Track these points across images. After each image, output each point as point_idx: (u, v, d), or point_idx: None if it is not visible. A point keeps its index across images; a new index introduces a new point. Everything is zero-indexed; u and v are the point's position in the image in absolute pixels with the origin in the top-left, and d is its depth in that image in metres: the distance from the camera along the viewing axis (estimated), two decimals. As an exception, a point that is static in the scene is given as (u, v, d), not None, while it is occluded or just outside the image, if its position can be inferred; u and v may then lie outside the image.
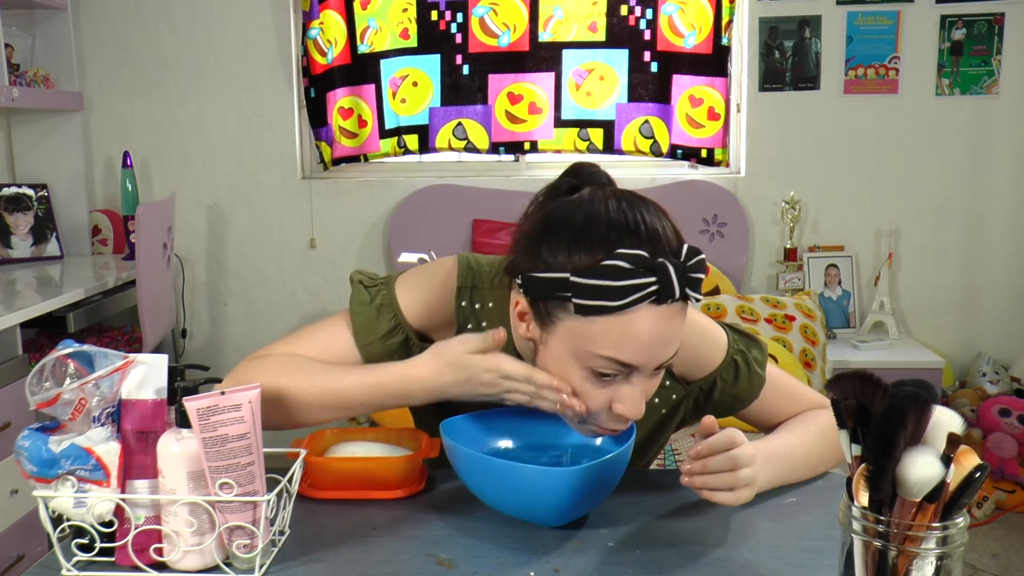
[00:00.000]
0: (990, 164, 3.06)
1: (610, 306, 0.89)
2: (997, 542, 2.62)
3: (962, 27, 2.98)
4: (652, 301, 0.90)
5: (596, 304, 0.90)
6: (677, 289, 0.90)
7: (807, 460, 1.08)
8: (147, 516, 0.87)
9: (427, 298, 1.10)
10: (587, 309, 0.90)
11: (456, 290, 1.09)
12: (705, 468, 0.93)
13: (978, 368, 3.06)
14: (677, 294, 0.90)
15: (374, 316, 1.08)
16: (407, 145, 3.11)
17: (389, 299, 1.09)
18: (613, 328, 0.90)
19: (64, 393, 0.85)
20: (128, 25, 3.10)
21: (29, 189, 2.95)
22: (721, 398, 1.13)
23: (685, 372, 1.12)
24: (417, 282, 1.11)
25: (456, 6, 3.01)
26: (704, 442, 0.93)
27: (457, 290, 1.09)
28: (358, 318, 1.09)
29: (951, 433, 0.66)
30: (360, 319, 1.08)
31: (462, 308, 1.09)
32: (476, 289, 1.09)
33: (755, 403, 1.14)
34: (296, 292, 3.21)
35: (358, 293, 1.10)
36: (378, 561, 0.89)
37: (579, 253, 0.92)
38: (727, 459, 0.93)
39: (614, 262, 0.89)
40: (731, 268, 3.02)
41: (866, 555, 0.68)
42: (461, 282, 1.09)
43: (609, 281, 0.89)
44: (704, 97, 3.01)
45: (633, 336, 0.90)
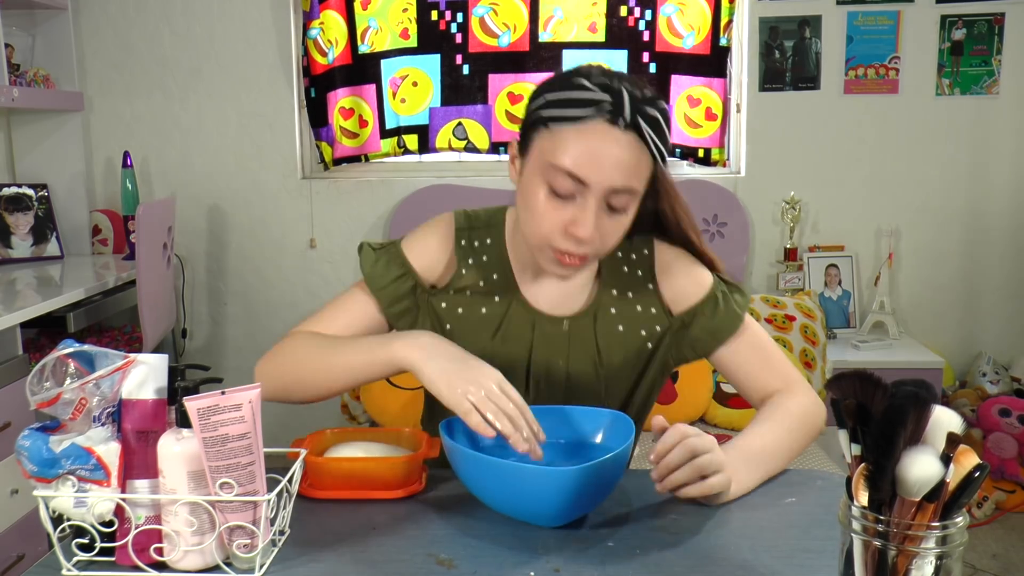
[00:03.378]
0: (990, 164, 3.06)
1: (570, 114, 1.04)
2: (997, 542, 2.62)
3: (962, 27, 2.98)
4: (606, 120, 1.03)
5: (558, 113, 1.05)
6: (628, 111, 1.03)
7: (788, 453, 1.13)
8: (147, 516, 0.87)
9: (429, 243, 1.23)
10: (552, 119, 1.05)
11: (455, 232, 1.23)
12: (667, 466, 0.98)
13: (978, 368, 3.06)
14: (627, 115, 1.03)
15: (384, 265, 1.21)
16: (407, 145, 3.11)
17: (396, 251, 1.22)
18: (568, 139, 1.04)
19: (64, 393, 0.85)
20: (128, 25, 3.10)
21: (29, 189, 2.95)
22: (700, 333, 1.20)
23: (671, 300, 1.22)
24: (419, 235, 1.24)
25: (456, 6, 3.01)
26: (659, 443, 0.99)
27: (456, 232, 1.23)
28: (369, 269, 1.21)
29: (951, 433, 0.66)
30: (371, 269, 1.21)
31: (462, 247, 1.22)
32: (473, 230, 1.23)
33: (731, 352, 1.21)
34: (296, 292, 3.21)
35: (367, 254, 1.23)
36: (378, 561, 0.89)
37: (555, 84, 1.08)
38: (683, 449, 0.98)
39: (578, 78, 1.07)
40: (731, 268, 2.99)
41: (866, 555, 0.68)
42: (459, 226, 1.23)
43: (571, 92, 1.05)
44: (702, 97, 3.01)
45: (584, 148, 1.03)
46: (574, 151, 1.04)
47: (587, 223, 1.05)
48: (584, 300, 1.21)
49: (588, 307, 1.20)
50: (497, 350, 1.17)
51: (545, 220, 1.07)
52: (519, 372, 1.18)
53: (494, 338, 1.18)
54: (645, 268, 1.23)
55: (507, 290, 1.20)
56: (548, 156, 1.05)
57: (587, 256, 1.09)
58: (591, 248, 1.08)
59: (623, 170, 1.04)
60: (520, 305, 1.19)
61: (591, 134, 1.03)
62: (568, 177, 1.04)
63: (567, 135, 1.04)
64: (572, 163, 1.04)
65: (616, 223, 1.08)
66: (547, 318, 1.19)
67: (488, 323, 1.18)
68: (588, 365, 1.19)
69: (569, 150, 1.04)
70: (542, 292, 1.20)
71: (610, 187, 1.04)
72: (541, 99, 1.09)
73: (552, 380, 1.18)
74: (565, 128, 1.04)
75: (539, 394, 1.20)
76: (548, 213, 1.07)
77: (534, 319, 1.19)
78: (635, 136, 1.04)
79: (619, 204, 1.07)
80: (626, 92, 1.04)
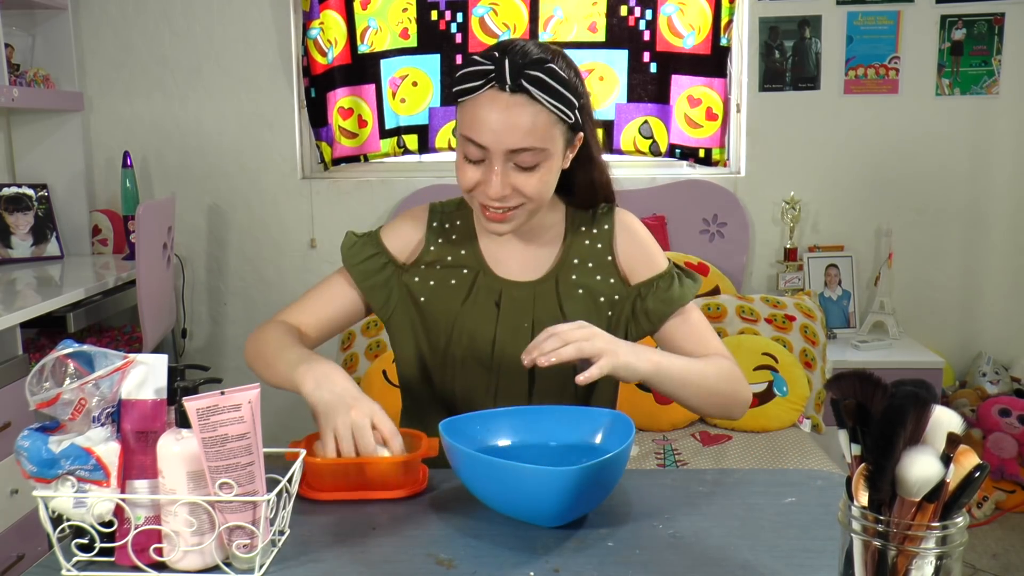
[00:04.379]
0: (990, 164, 3.06)
1: (464, 88, 1.15)
2: (997, 542, 2.62)
3: (962, 27, 2.98)
4: (494, 87, 1.13)
5: (458, 89, 1.16)
6: (508, 76, 1.12)
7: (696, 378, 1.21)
8: (147, 516, 0.87)
9: (403, 227, 1.34)
10: (456, 95, 1.17)
11: (428, 215, 1.34)
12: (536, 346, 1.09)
13: (978, 368, 3.06)
14: (508, 80, 1.12)
15: (360, 247, 1.32)
16: (407, 145, 3.11)
17: (373, 235, 1.34)
18: (469, 111, 1.16)
19: (64, 393, 0.85)
20: (128, 25, 3.10)
21: (29, 189, 2.95)
22: (655, 304, 1.29)
23: (628, 271, 1.31)
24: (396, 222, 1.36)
25: (456, 6, 3.01)
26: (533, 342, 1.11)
27: (429, 215, 1.34)
28: (347, 250, 1.32)
29: (951, 433, 0.66)
30: (347, 251, 1.32)
31: (432, 228, 1.33)
32: (445, 214, 1.34)
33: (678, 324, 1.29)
34: (296, 292, 3.20)
35: (347, 239, 1.34)
36: (378, 561, 0.89)
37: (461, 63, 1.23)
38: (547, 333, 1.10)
39: (473, 55, 1.18)
40: (731, 268, 3.02)
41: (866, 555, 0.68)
42: (432, 210, 1.35)
43: (467, 68, 1.16)
44: (702, 97, 3.01)
45: (478, 116, 1.14)
46: (471, 119, 1.15)
47: (491, 182, 1.16)
48: (547, 267, 1.30)
49: (550, 272, 1.30)
50: (467, 316, 1.27)
51: (465, 180, 1.19)
52: (487, 335, 1.27)
53: (463, 304, 1.28)
54: (605, 242, 1.32)
55: (474, 262, 1.30)
56: (459, 128, 1.19)
57: (512, 209, 1.19)
58: (514, 200, 1.18)
59: (516, 131, 1.13)
60: (487, 275, 1.30)
61: (483, 102, 1.14)
62: (471, 144, 1.16)
63: (467, 106, 1.16)
64: (471, 131, 1.15)
65: (530, 179, 1.17)
66: (513, 284, 1.29)
67: (457, 292, 1.29)
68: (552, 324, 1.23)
69: (467, 119, 1.16)
70: (508, 262, 1.30)
71: (507, 148, 1.14)
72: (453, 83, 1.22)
73: (518, 342, 1.23)
74: (467, 100, 1.16)
75: (506, 357, 1.25)
76: (467, 175, 1.18)
77: (501, 286, 1.29)
78: (525, 97, 1.13)
79: (526, 162, 1.16)
80: (508, 59, 1.13)
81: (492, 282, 1.29)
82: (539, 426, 1.07)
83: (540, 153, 1.16)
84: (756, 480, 1.10)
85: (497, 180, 1.16)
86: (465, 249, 1.31)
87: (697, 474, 1.12)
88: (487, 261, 1.30)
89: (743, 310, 2.55)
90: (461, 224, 1.33)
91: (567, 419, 1.09)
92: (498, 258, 1.31)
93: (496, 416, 1.08)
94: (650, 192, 3.04)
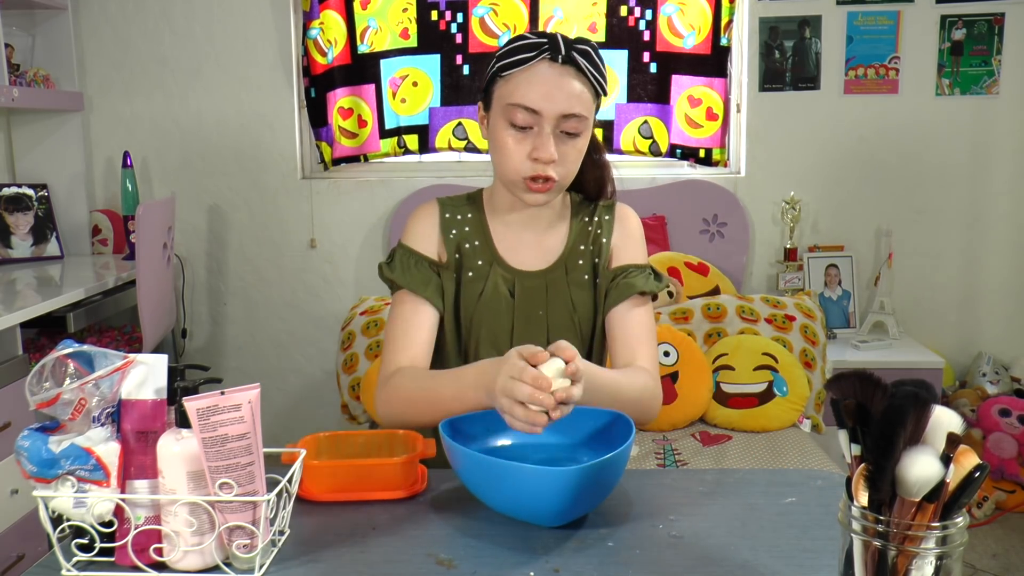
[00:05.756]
0: (990, 164, 3.06)
1: (517, 59, 1.25)
2: (997, 542, 2.62)
3: (962, 27, 2.98)
4: (547, 58, 1.24)
5: (508, 61, 1.26)
6: (563, 47, 1.24)
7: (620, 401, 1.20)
8: (147, 516, 0.87)
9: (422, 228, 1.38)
10: (504, 67, 1.26)
11: (439, 207, 1.39)
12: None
13: (978, 368, 3.06)
14: (563, 51, 1.24)
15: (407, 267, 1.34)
16: (407, 145, 3.11)
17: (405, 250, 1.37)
18: (519, 80, 1.25)
19: (64, 393, 0.85)
20: (128, 25, 3.10)
21: (29, 189, 2.95)
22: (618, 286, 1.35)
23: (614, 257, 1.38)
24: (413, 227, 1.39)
25: (456, 6, 3.01)
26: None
27: (440, 207, 1.39)
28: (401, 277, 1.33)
29: (951, 433, 0.66)
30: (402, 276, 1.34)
31: (445, 219, 1.38)
32: (456, 206, 1.40)
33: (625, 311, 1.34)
34: (296, 292, 3.21)
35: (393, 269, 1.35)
36: (378, 561, 0.89)
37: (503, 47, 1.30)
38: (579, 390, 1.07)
39: (522, 34, 1.29)
40: (731, 268, 3.01)
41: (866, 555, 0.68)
42: (441, 204, 1.40)
43: (516, 43, 1.27)
44: (703, 97, 3.01)
45: (532, 82, 1.24)
46: (525, 87, 1.24)
47: (547, 146, 1.24)
48: (556, 256, 1.37)
49: (559, 261, 1.37)
50: (484, 307, 1.33)
51: (513, 153, 1.26)
52: (504, 325, 1.33)
53: (480, 296, 1.34)
54: (606, 230, 1.39)
55: (488, 254, 1.36)
56: (506, 99, 1.26)
57: (554, 180, 1.26)
58: (556, 171, 1.25)
59: (569, 97, 1.24)
60: (500, 265, 1.35)
61: (537, 71, 1.24)
62: (524, 110, 1.24)
63: (519, 77, 1.25)
64: (525, 97, 1.24)
65: (572, 148, 1.27)
66: (525, 274, 1.35)
67: (475, 285, 1.35)
68: (564, 312, 1.35)
69: (521, 87, 1.24)
70: (519, 252, 1.37)
71: (560, 112, 1.23)
72: (494, 62, 1.30)
73: (533, 331, 1.33)
74: (516, 72, 1.25)
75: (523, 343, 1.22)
76: (514, 146, 1.26)
77: (514, 276, 1.35)
78: (574, 69, 1.25)
79: (572, 128, 1.25)
80: (560, 37, 1.26)
81: (506, 272, 1.35)
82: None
83: (583, 121, 1.26)
84: (756, 480, 1.10)
85: (551, 143, 1.24)
86: (478, 240, 1.37)
87: (697, 474, 1.12)
88: (500, 252, 1.36)
89: (743, 310, 2.55)
90: (472, 216, 1.38)
91: (567, 419, 1.09)
92: (510, 248, 1.37)
93: (496, 416, 1.08)
94: (650, 192, 3.04)
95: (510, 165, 1.26)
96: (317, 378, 3.24)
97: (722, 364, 2.40)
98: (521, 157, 1.25)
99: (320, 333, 3.22)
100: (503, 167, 1.28)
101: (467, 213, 1.39)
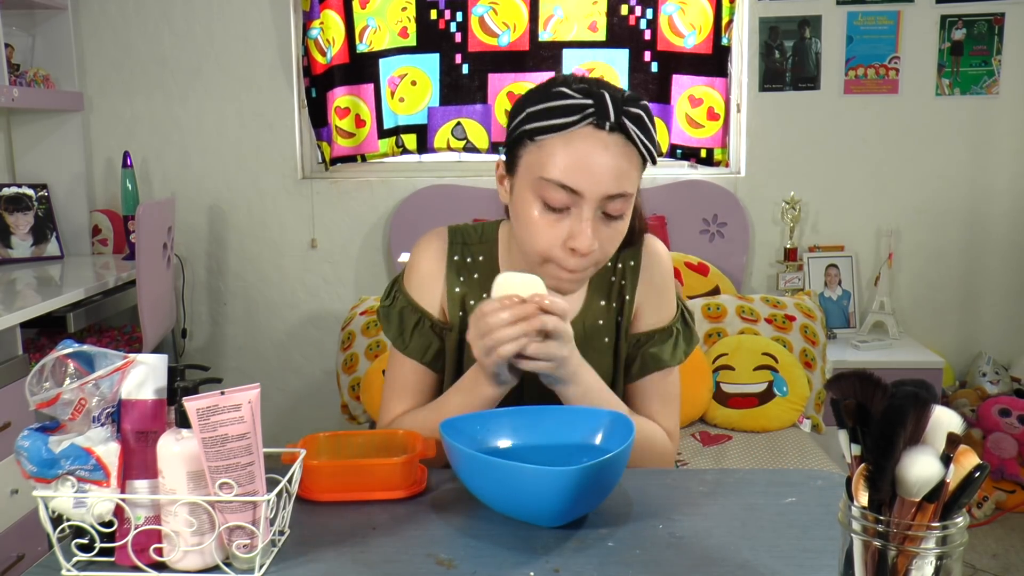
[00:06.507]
0: (990, 164, 3.06)
1: (555, 124, 1.02)
2: (997, 542, 2.62)
3: (962, 27, 2.98)
4: (592, 124, 1.02)
5: (543, 124, 1.03)
6: (612, 113, 1.02)
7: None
8: (147, 516, 0.87)
9: (427, 270, 1.22)
10: (537, 131, 1.04)
11: (448, 247, 1.22)
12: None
13: (978, 368, 3.06)
14: (612, 117, 1.01)
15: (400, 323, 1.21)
16: (406, 145, 3.11)
17: (403, 297, 1.23)
18: (559, 151, 1.03)
19: (64, 393, 0.85)
20: (128, 25, 3.10)
21: (29, 189, 2.95)
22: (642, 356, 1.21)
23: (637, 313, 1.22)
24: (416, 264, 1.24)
25: (456, 5, 3.01)
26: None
27: (449, 246, 1.22)
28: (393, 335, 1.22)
29: (951, 433, 0.66)
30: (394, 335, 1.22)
31: (453, 262, 1.22)
32: (466, 245, 1.23)
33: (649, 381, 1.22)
34: (296, 292, 3.21)
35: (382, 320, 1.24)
36: (378, 561, 0.89)
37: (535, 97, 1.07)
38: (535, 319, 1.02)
39: (560, 88, 1.05)
40: (731, 268, 3.01)
41: (866, 555, 0.68)
42: (452, 239, 1.23)
43: (554, 102, 1.03)
44: (704, 97, 3.01)
45: (576, 158, 1.02)
46: (563, 161, 1.02)
47: (586, 235, 1.04)
48: (574, 312, 1.20)
49: (578, 318, 1.21)
50: None
51: (543, 236, 1.06)
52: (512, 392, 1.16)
53: None
54: (629, 280, 1.22)
55: None
56: (537, 170, 1.04)
57: (588, 267, 1.09)
58: (592, 259, 1.07)
59: (615, 175, 1.03)
60: None
61: (579, 141, 1.02)
62: (561, 189, 1.03)
63: (554, 146, 1.03)
64: (563, 174, 1.02)
65: (613, 230, 1.08)
66: None
67: None
68: None
69: (558, 161, 1.03)
70: None
71: (604, 194, 1.03)
72: (522, 114, 1.07)
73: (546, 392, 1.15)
74: (551, 139, 1.03)
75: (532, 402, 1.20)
76: (545, 229, 1.06)
77: None
78: (622, 138, 1.03)
79: (615, 210, 1.05)
80: (607, 94, 1.03)
81: None
82: (539, 426, 1.07)
83: (628, 201, 1.06)
84: (756, 480, 1.10)
85: (590, 232, 1.04)
86: (487, 294, 1.17)
87: (697, 474, 1.12)
88: None
89: (743, 310, 2.55)
90: (484, 259, 1.22)
91: (567, 419, 1.09)
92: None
93: (496, 416, 1.08)
94: (650, 192, 3.04)
95: (538, 247, 1.07)
96: (317, 378, 3.24)
97: (722, 364, 2.40)
98: (553, 241, 1.06)
99: (320, 333, 3.22)
100: (529, 247, 1.08)
101: (478, 255, 1.22)
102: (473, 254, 1.22)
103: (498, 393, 1.12)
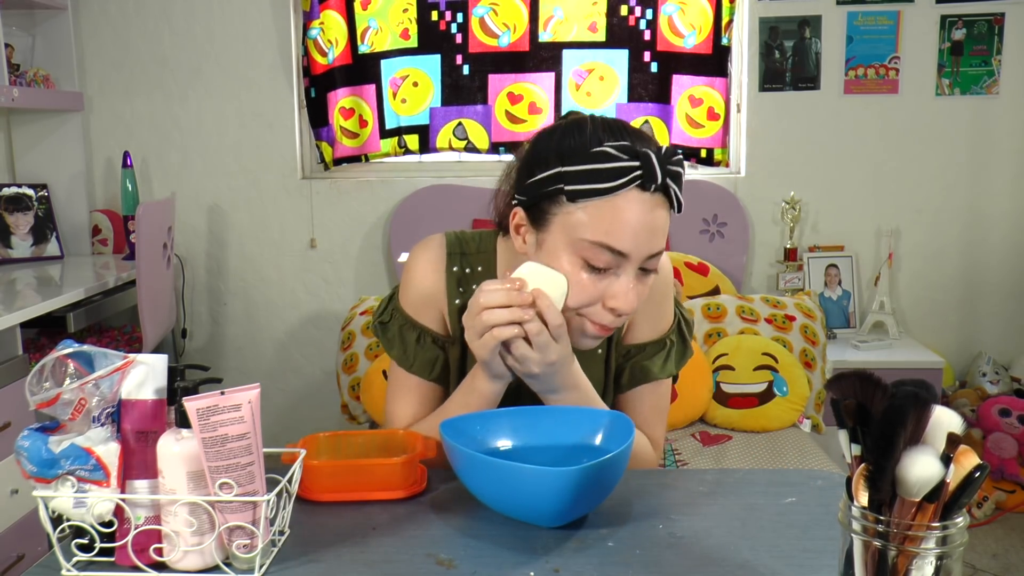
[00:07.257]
0: (990, 164, 3.06)
1: (600, 188, 0.99)
2: (997, 542, 2.62)
3: (962, 27, 2.98)
4: (637, 186, 0.99)
5: (587, 188, 1.00)
6: (659, 175, 0.99)
7: None
8: (147, 516, 0.87)
9: (424, 287, 1.20)
10: (579, 194, 1.00)
11: (447, 257, 1.20)
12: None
13: (978, 368, 3.06)
14: (659, 179, 0.99)
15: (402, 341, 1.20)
16: (407, 145, 3.11)
17: (400, 315, 1.21)
18: (603, 214, 1.00)
19: (64, 393, 0.85)
20: (128, 25, 3.10)
21: (29, 189, 2.95)
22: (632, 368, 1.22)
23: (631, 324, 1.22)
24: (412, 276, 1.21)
25: (456, 6, 3.01)
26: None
27: (448, 257, 1.20)
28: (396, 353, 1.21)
29: (951, 433, 0.66)
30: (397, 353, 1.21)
31: (453, 273, 1.19)
32: (465, 255, 1.21)
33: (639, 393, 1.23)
34: (296, 292, 3.21)
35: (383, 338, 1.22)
36: (378, 561, 0.89)
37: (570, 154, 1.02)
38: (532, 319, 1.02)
39: (602, 148, 1.00)
40: (731, 268, 3.01)
41: (866, 555, 0.68)
42: (450, 250, 1.20)
43: (598, 164, 0.99)
44: (704, 97, 3.01)
45: (621, 220, 1.00)
46: (610, 225, 1.00)
47: (630, 296, 1.03)
48: None
49: None
50: None
51: (584, 294, 1.04)
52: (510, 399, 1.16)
53: None
54: None
55: None
56: (580, 232, 1.01)
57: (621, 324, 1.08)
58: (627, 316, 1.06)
59: (659, 234, 1.03)
60: None
61: (624, 204, 1.00)
62: (607, 251, 1.01)
63: (600, 209, 1.00)
64: (610, 237, 1.00)
65: (646, 285, 1.07)
66: None
67: None
68: None
69: (607, 224, 1.00)
70: None
71: (648, 254, 1.03)
72: (553, 171, 1.02)
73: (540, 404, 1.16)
74: (595, 202, 1.00)
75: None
76: (587, 287, 1.03)
77: None
78: (662, 196, 1.02)
79: (652, 265, 1.05)
80: (653, 154, 1.00)
81: None
82: (539, 426, 1.07)
83: (661, 255, 1.06)
84: (756, 480, 1.10)
85: (634, 293, 1.03)
86: None
87: (697, 474, 1.12)
88: None
89: (743, 310, 2.55)
90: (483, 271, 1.21)
91: (567, 419, 1.09)
92: None
93: (496, 416, 1.08)
94: (650, 192, 3.04)
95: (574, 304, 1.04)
96: (317, 378, 3.24)
97: (722, 364, 2.40)
98: (592, 299, 1.04)
99: (320, 333, 3.22)
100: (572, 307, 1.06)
101: (477, 265, 1.20)
102: (472, 264, 1.21)
103: (495, 389, 1.11)
